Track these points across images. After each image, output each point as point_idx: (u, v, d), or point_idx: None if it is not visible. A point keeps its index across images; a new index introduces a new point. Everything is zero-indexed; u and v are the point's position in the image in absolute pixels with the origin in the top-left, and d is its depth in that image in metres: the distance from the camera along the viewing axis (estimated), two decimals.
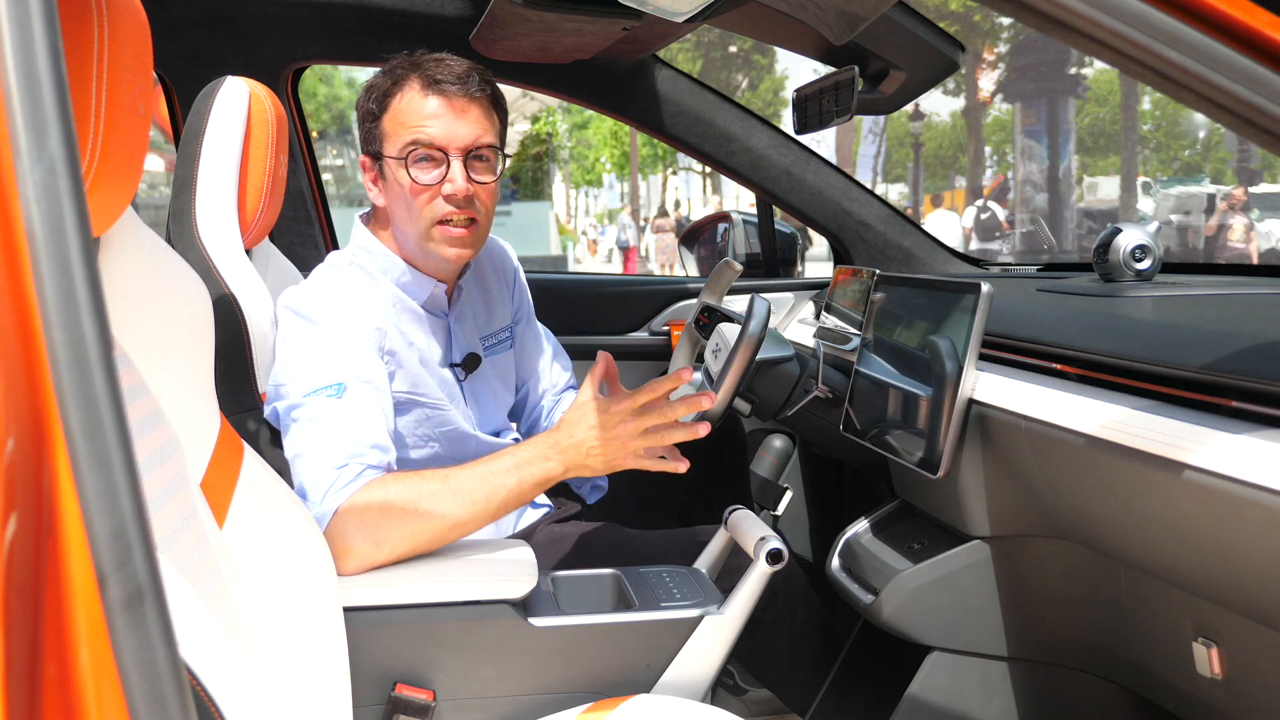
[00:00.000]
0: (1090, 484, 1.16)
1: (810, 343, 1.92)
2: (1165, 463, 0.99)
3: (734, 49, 26.29)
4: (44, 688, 0.40)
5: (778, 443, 2.27)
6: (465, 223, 1.43)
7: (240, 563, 0.88)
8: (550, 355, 1.79)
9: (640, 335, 2.41)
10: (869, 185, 4.11)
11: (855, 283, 1.85)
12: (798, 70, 29.37)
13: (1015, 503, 1.36)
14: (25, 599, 0.40)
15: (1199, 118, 21.41)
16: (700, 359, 1.83)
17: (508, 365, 1.70)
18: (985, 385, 1.34)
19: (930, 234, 2.36)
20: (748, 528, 1.38)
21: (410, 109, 1.41)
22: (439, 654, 1.25)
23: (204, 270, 1.41)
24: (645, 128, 2.30)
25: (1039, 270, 2.35)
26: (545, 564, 1.50)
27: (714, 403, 1.41)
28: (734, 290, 2.22)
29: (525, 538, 1.55)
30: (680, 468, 1.30)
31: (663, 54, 2.24)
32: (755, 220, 2.56)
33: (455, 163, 1.41)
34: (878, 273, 1.69)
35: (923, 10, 1.97)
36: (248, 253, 1.54)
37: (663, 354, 2.38)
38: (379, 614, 1.23)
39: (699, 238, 2.82)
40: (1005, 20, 17.98)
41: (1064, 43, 0.75)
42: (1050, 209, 18.14)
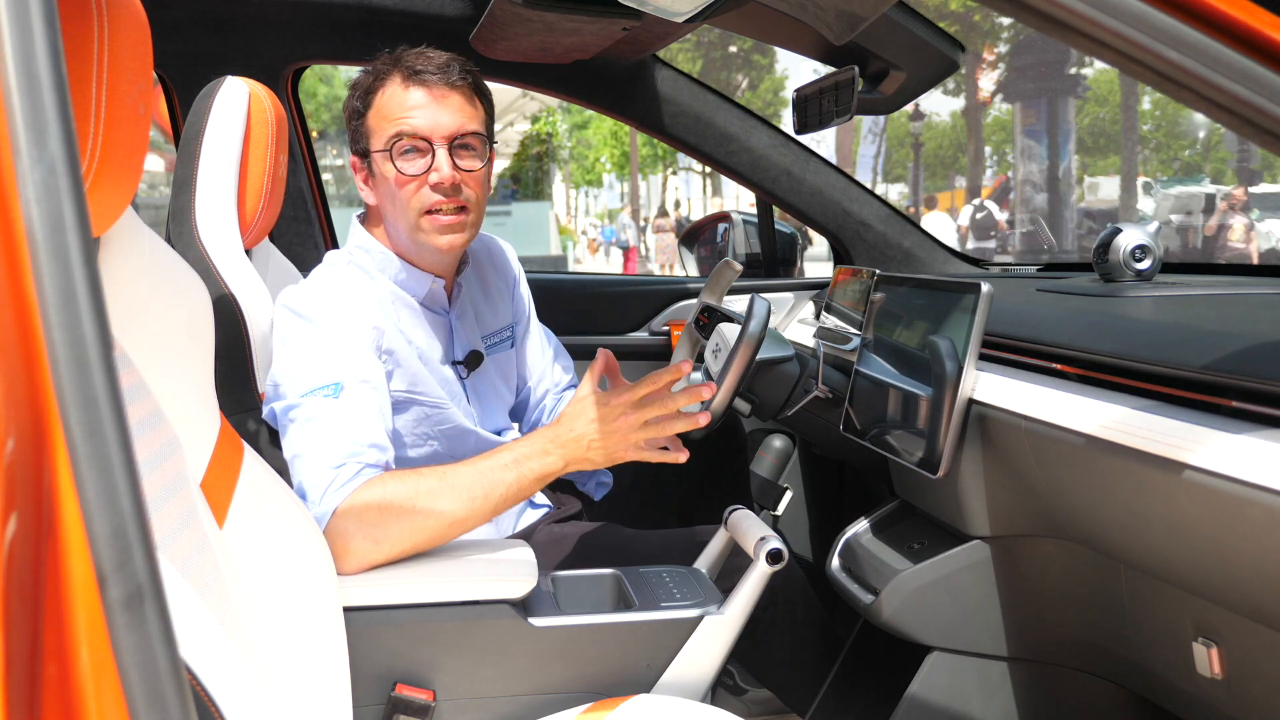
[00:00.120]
0: (1090, 484, 1.16)
1: (810, 343, 1.92)
2: (1165, 463, 0.99)
3: (734, 49, 26.29)
4: (44, 688, 0.40)
5: (778, 443, 2.27)
6: (454, 211, 1.44)
7: (240, 563, 0.88)
8: (551, 355, 1.79)
9: (640, 335, 2.41)
10: (869, 185, 4.11)
11: (855, 283, 1.85)
12: (798, 70, 29.36)
13: (1015, 503, 1.36)
14: (25, 599, 0.40)
15: (1199, 118, 21.41)
16: (700, 359, 1.82)
17: (509, 364, 1.70)
18: (985, 385, 1.34)
19: (930, 234, 2.37)
20: (748, 528, 1.38)
21: (393, 102, 1.42)
22: (439, 654, 1.25)
23: (204, 270, 1.41)
24: (645, 128, 2.30)
25: (1039, 270, 2.35)
26: (545, 564, 1.50)
27: (714, 392, 1.41)
28: (734, 290, 2.22)
29: (525, 538, 1.55)
30: (681, 457, 1.30)
31: (663, 54, 2.24)
32: (755, 220, 2.56)
33: (440, 151, 1.41)
34: (878, 273, 1.69)
35: (923, 10, 1.97)
36: (247, 253, 1.54)
37: (663, 354, 2.38)
38: (379, 614, 1.23)
39: (699, 238, 2.82)
40: (1005, 20, 17.98)
41: (1064, 43, 0.75)
42: (1050, 209, 18.14)
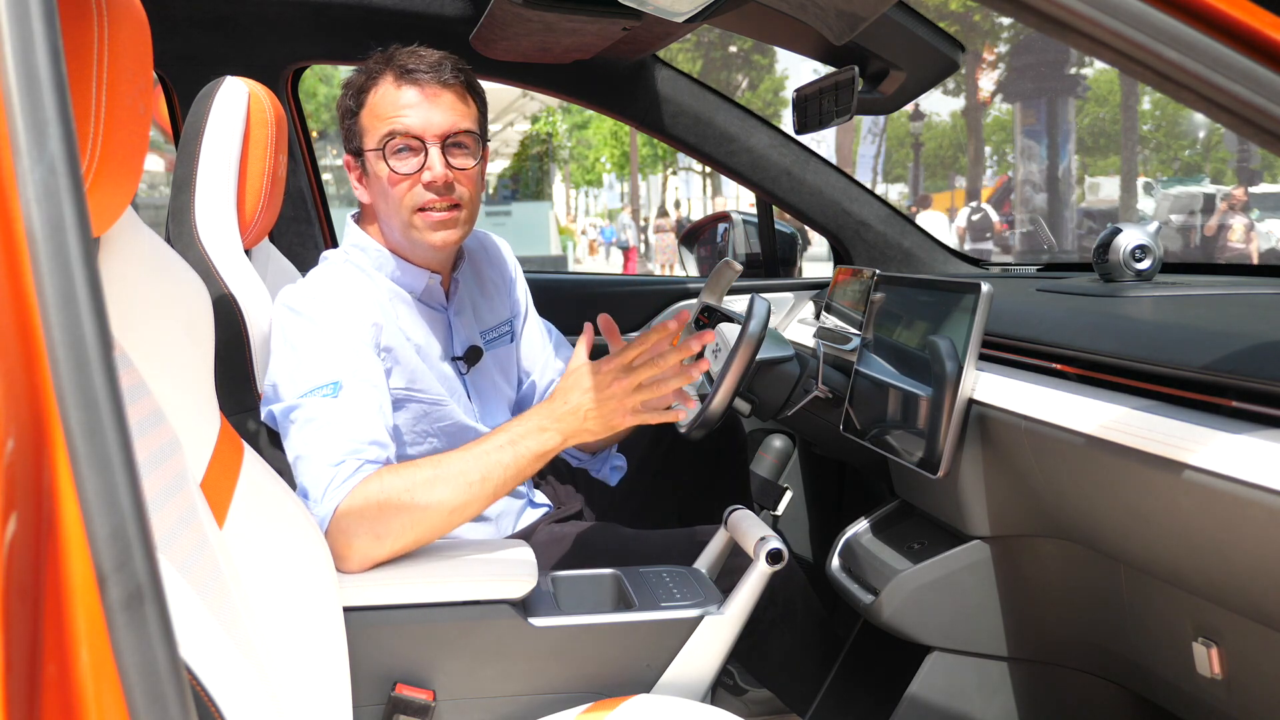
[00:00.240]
0: (1090, 484, 1.16)
1: (810, 343, 1.92)
2: (1165, 463, 0.99)
3: (734, 49, 26.28)
4: (44, 688, 0.40)
5: (778, 443, 2.27)
6: (447, 208, 1.44)
7: (240, 563, 0.88)
8: (552, 349, 1.79)
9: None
10: (869, 185, 4.10)
11: (855, 283, 1.85)
12: (798, 70, 29.35)
13: (1015, 503, 1.36)
14: (25, 599, 0.40)
15: (1199, 118, 21.41)
16: (700, 359, 1.82)
17: (509, 358, 1.71)
18: (985, 385, 1.34)
19: (930, 234, 2.37)
20: (748, 528, 1.38)
21: (385, 101, 1.42)
22: (439, 654, 1.25)
23: (203, 270, 1.41)
24: (645, 128, 2.30)
25: (1039, 270, 2.34)
26: (545, 564, 1.50)
27: (712, 338, 1.39)
28: (734, 290, 2.22)
29: (525, 538, 1.55)
30: (680, 415, 1.30)
31: (663, 54, 2.24)
32: (755, 220, 2.56)
33: (433, 150, 1.41)
34: (878, 273, 1.69)
35: (923, 10, 1.97)
36: (247, 253, 1.54)
37: None
38: (379, 614, 1.23)
39: (699, 238, 2.82)
40: (1005, 20, 17.97)
41: (1064, 43, 0.75)
42: (1050, 209, 18.13)
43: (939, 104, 29.64)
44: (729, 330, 1.67)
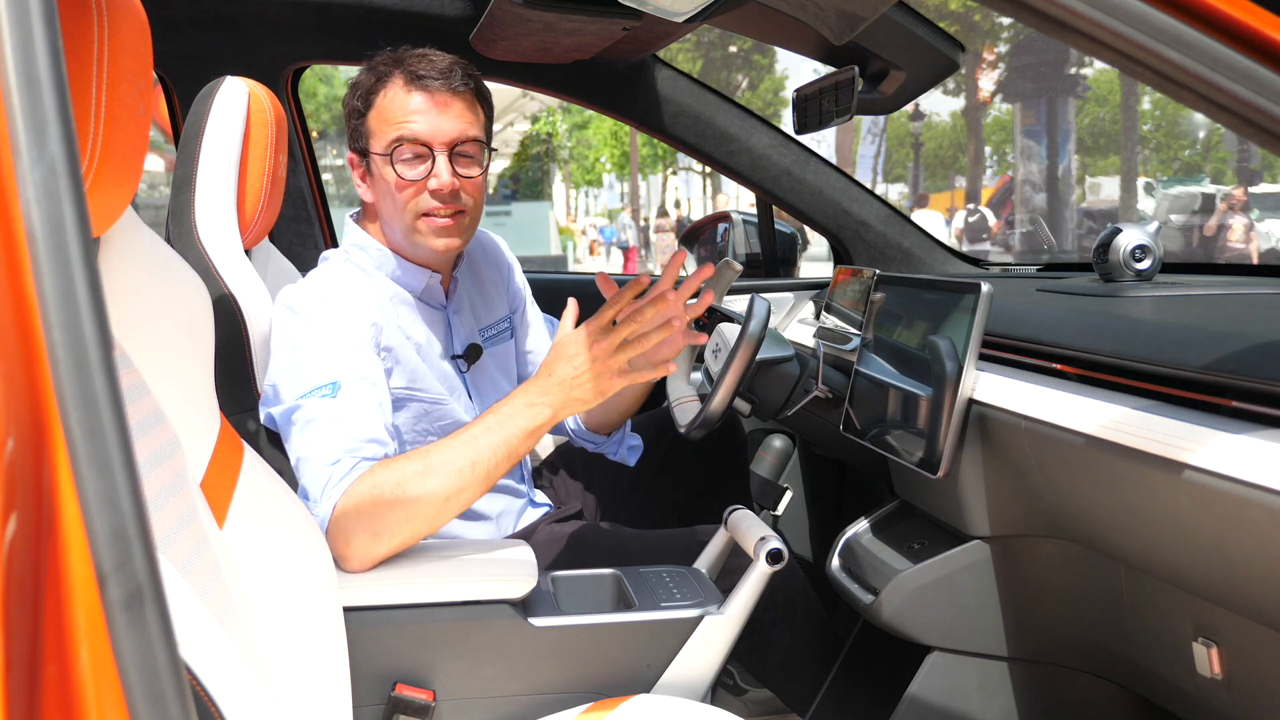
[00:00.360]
0: (1090, 484, 1.16)
1: (810, 343, 1.92)
2: (1165, 463, 0.99)
3: (734, 49, 26.28)
4: (44, 688, 0.40)
5: (778, 443, 2.27)
6: (451, 214, 1.44)
7: (240, 563, 0.88)
8: (550, 338, 1.79)
9: None
10: (869, 185, 4.10)
11: (855, 283, 1.85)
12: (798, 70, 29.36)
13: (1015, 503, 1.36)
14: (25, 599, 0.40)
15: (1199, 118, 21.41)
16: (700, 359, 1.83)
17: (508, 356, 1.71)
18: (985, 385, 1.34)
19: (930, 234, 2.37)
20: (748, 528, 1.38)
21: (394, 105, 1.42)
22: (439, 654, 1.25)
23: (203, 270, 1.41)
24: (645, 128, 2.30)
25: (1039, 270, 2.34)
26: (545, 564, 1.50)
27: (698, 282, 1.37)
28: (734, 290, 2.22)
29: (525, 538, 1.55)
30: (670, 369, 1.29)
31: (663, 54, 2.24)
32: (755, 220, 2.56)
33: (440, 158, 1.41)
34: (878, 273, 1.69)
35: (923, 10, 1.97)
36: (247, 253, 1.54)
37: None
38: (379, 614, 1.23)
39: (699, 238, 2.82)
40: (1005, 20, 17.98)
41: (1064, 43, 0.75)
42: (1050, 209, 18.12)
43: (939, 104, 29.69)
44: (729, 330, 1.67)
